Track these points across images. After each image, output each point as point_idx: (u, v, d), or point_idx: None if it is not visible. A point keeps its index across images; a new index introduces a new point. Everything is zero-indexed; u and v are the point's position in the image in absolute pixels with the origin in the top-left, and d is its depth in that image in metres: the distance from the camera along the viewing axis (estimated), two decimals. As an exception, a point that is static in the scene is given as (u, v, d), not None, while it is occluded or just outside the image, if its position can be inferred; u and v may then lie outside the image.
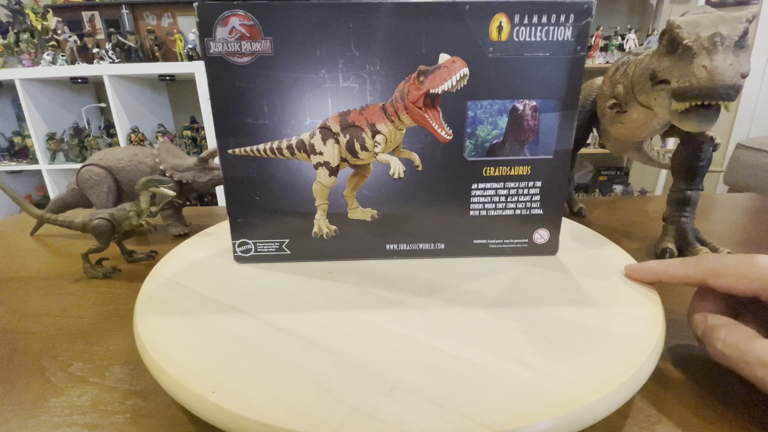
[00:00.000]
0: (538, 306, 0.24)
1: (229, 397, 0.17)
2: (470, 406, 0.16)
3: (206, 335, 0.21)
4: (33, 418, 0.20)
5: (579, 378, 0.17)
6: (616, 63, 0.36)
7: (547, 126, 0.28)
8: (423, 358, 0.19)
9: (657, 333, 0.21)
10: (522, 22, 0.25)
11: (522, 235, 0.31)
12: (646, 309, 0.23)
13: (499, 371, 0.18)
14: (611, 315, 0.22)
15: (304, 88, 0.27)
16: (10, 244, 0.45)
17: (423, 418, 0.15)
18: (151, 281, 0.27)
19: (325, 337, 0.21)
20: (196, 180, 0.45)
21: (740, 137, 2.07)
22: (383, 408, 0.16)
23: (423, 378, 0.18)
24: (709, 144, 0.36)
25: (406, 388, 0.17)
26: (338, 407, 0.16)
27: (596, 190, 2.21)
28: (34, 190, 2.19)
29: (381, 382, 0.17)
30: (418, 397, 0.17)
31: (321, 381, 0.18)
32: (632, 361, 0.18)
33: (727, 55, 0.22)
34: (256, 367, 0.18)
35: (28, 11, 1.83)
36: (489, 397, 0.16)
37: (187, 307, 0.24)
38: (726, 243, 0.42)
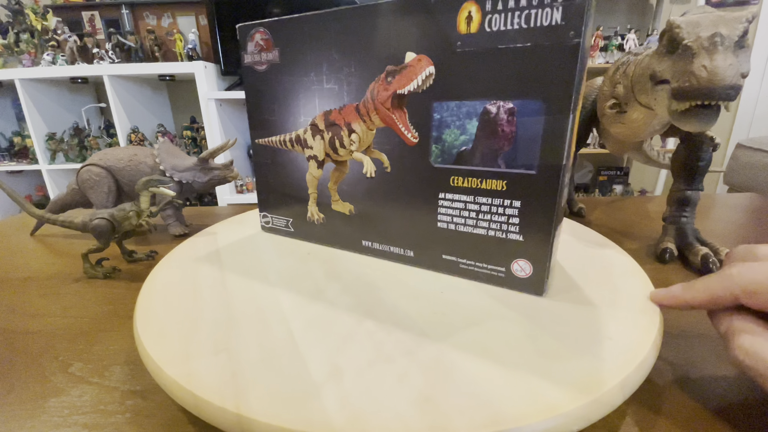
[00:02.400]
0: (536, 305, 0.24)
1: (229, 397, 0.17)
2: (460, 405, 0.16)
3: (206, 335, 0.21)
4: (33, 418, 0.20)
5: (572, 379, 0.17)
6: (616, 63, 0.36)
7: (529, 133, 0.22)
8: (414, 354, 0.19)
9: (653, 336, 0.21)
10: (495, 9, 0.22)
11: (497, 262, 0.26)
12: (644, 312, 0.23)
13: (489, 371, 0.18)
14: (608, 317, 0.22)
15: (299, 89, 0.31)
16: (10, 244, 0.45)
17: (413, 418, 0.15)
18: (151, 281, 0.27)
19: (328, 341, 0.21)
20: (196, 180, 0.45)
21: (740, 137, 2.07)
22: (373, 407, 0.16)
23: (413, 379, 0.18)
24: (709, 144, 0.36)
25: (399, 387, 0.17)
26: (339, 406, 0.16)
27: (596, 190, 2.21)
28: (34, 190, 2.19)
29: (370, 380, 0.17)
30: (409, 399, 0.17)
31: (322, 380, 0.18)
32: (627, 364, 0.18)
33: (727, 55, 0.22)
34: (257, 367, 0.18)
35: (28, 11, 1.83)
36: (480, 397, 0.16)
37: (187, 308, 0.24)
38: (726, 243, 0.42)
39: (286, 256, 0.32)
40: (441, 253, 0.28)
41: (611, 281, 0.26)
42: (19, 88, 1.68)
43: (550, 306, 0.24)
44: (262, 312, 0.23)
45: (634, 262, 0.29)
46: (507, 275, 0.26)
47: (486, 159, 0.24)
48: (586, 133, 0.47)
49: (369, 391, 0.17)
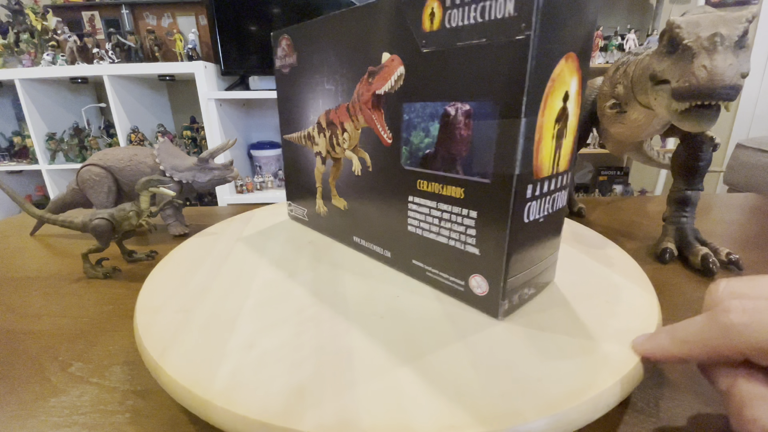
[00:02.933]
0: (484, 330, 0.22)
1: (230, 396, 0.17)
2: (465, 401, 0.16)
3: (207, 335, 0.21)
4: (33, 418, 0.20)
5: (570, 377, 0.17)
6: (616, 63, 0.36)
7: (484, 138, 0.20)
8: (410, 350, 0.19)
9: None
10: (454, 3, 0.20)
11: (457, 274, 0.24)
12: (643, 312, 0.23)
13: (489, 367, 0.18)
14: (607, 316, 0.22)
15: (309, 90, 0.33)
16: (10, 244, 0.45)
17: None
18: (152, 281, 0.27)
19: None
20: (196, 180, 0.45)
21: (740, 137, 2.07)
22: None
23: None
24: (709, 144, 0.36)
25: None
26: (342, 405, 0.16)
27: (596, 190, 2.21)
28: (34, 190, 2.19)
29: (370, 375, 0.17)
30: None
31: (323, 380, 0.18)
32: (623, 364, 0.18)
33: (727, 55, 0.22)
34: (258, 367, 0.18)
35: (28, 11, 1.83)
36: (482, 393, 0.16)
37: (187, 307, 0.24)
38: (726, 243, 0.42)
39: (287, 243, 0.35)
40: (411, 258, 0.27)
41: (610, 281, 0.26)
42: (19, 88, 1.68)
43: (499, 335, 0.21)
44: (262, 311, 0.23)
45: (635, 262, 0.29)
46: (466, 290, 0.24)
47: (446, 164, 0.23)
48: (586, 133, 0.47)
49: (260, 369, 0.18)
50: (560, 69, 0.19)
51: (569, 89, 0.21)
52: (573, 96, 0.21)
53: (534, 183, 0.20)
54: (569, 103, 0.21)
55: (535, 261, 0.23)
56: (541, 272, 0.24)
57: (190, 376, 0.18)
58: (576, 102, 0.22)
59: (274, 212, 0.44)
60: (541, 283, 0.25)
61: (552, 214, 0.23)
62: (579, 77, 0.21)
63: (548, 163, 0.21)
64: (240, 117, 1.94)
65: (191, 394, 0.17)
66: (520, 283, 0.23)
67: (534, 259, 0.23)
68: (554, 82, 0.19)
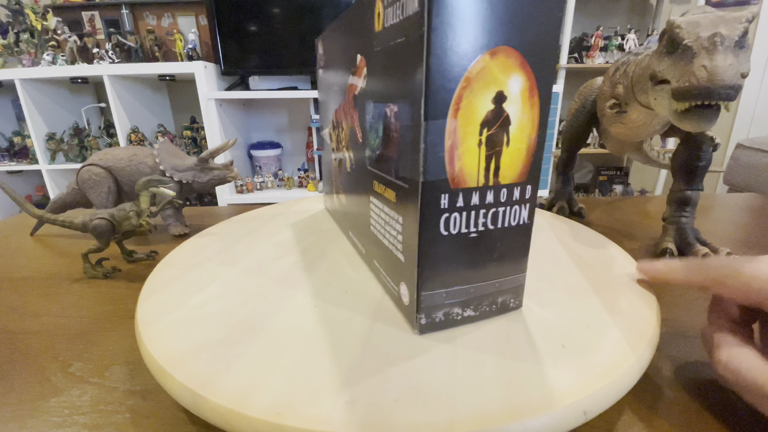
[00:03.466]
0: (532, 303, 0.24)
1: (232, 395, 0.17)
2: (456, 401, 0.16)
3: (208, 334, 0.21)
4: (33, 418, 0.20)
5: (567, 377, 0.17)
6: (616, 63, 0.36)
7: (405, 141, 0.19)
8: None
9: (649, 335, 0.21)
10: (389, 2, 0.19)
11: (394, 280, 0.23)
12: (642, 311, 0.23)
13: (486, 367, 0.18)
14: (607, 315, 0.22)
15: (328, 89, 0.36)
16: (10, 244, 0.45)
17: (412, 411, 0.15)
18: (152, 281, 0.27)
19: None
20: (196, 180, 0.45)
21: (740, 137, 2.07)
22: (378, 402, 0.16)
23: (414, 373, 0.18)
24: (709, 144, 0.36)
25: (397, 380, 0.17)
26: (342, 403, 0.16)
27: (596, 190, 2.21)
28: (34, 190, 2.19)
29: (366, 378, 0.17)
30: (408, 393, 0.17)
31: (325, 378, 0.18)
32: (621, 363, 0.18)
33: (727, 55, 0.22)
34: (259, 366, 0.18)
35: (28, 11, 1.83)
36: (476, 393, 0.16)
37: (188, 307, 0.24)
38: (726, 243, 0.42)
39: (298, 229, 0.38)
40: (373, 258, 0.27)
41: (610, 281, 0.26)
42: (19, 88, 1.68)
43: (402, 347, 0.20)
44: (265, 308, 0.23)
45: (635, 262, 0.29)
46: (398, 297, 0.23)
47: (385, 166, 0.22)
48: (586, 133, 0.47)
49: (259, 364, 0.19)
50: (482, 66, 0.17)
51: (505, 89, 0.18)
52: (517, 97, 0.18)
53: (453, 193, 0.19)
54: (509, 105, 0.18)
55: (470, 280, 0.21)
56: (488, 294, 0.22)
57: (191, 376, 0.18)
58: (528, 104, 0.18)
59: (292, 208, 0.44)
60: (490, 309, 0.22)
61: (495, 230, 0.20)
62: (527, 75, 0.18)
63: (474, 173, 0.19)
64: (240, 117, 1.94)
65: (194, 395, 0.17)
66: (445, 301, 0.21)
67: (467, 278, 0.21)
68: (471, 81, 0.17)
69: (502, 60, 0.17)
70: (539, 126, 0.19)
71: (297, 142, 2.13)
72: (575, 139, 0.48)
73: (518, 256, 0.21)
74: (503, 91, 0.18)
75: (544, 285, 0.26)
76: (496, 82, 0.18)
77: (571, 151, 0.50)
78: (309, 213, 0.43)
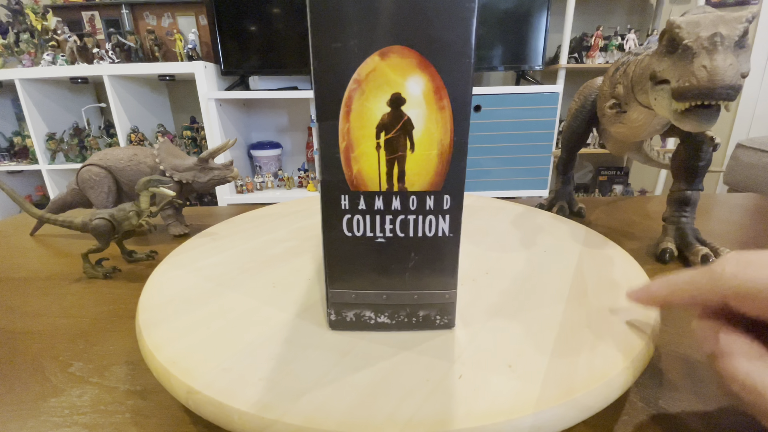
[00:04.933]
0: (532, 303, 0.24)
1: (234, 393, 0.17)
2: (454, 397, 0.16)
3: (210, 333, 0.21)
4: (33, 418, 0.20)
5: (566, 374, 0.17)
6: (616, 63, 0.36)
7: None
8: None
9: (648, 335, 0.21)
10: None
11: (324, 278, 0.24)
12: (642, 310, 0.23)
13: (482, 365, 0.18)
14: (606, 314, 0.22)
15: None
16: (10, 244, 0.45)
17: (412, 407, 0.15)
18: (153, 281, 0.27)
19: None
20: (196, 180, 0.45)
21: (740, 137, 2.07)
22: (373, 396, 0.16)
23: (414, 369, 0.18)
24: (709, 144, 0.36)
25: (397, 376, 0.17)
26: (345, 399, 0.16)
27: (596, 190, 2.21)
28: (34, 190, 2.19)
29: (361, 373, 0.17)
30: (409, 387, 0.17)
31: (327, 375, 0.18)
32: (620, 361, 0.18)
33: (727, 55, 0.22)
34: (261, 364, 0.18)
35: (28, 11, 1.83)
36: (471, 390, 0.16)
37: (190, 306, 0.24)
38: (726, 243, 0.42)
39: (298, 229, 0.38)
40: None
41: (610, 281, 0.26)
42: (19, 88, 1.68)
43: (308, 339, 0.21)
44: (266, 307, 0.23)
45: (635, 262, 0.29)
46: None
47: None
48: (586, 133, 0.47)
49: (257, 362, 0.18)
50: (372, 67, 0.17)
51: (403, 91, 0.17)
52: (419, 99, 0.17)
53: (353, 195, 0.19)
54: (410, 108, 0.17)
55: (381, 286, 0.20)
56: (405, 305, 0.21)
57: (193, 376, 0.18)
58: (434, 107, 0.17)
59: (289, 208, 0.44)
60: (410, 320, 0.21)
61: (407, 239, 0.19)
62: (431, 76, 0.17)
63: (374, 177, 0.18)
64: (240, 117, 1.94)
65: (195, 393, 0.17)
66: (355, 301, 0.21)
67: (378, 284, 0.20)
68: (361, 83, 0.17)
69: (396, 61, 0.17)
70: (454, 131, 0.17)
71: (297, 142, 2.13)
72: (575, 139, 0.48)
73: (441, 270, 0.20)
74: (400, 93, 0.17)
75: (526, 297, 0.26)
76: (390, 84, 0.17)
77: (571, 151, 0.50)
78: (309, 213, 0.43)
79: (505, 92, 1.65)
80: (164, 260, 0.31)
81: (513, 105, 1.66)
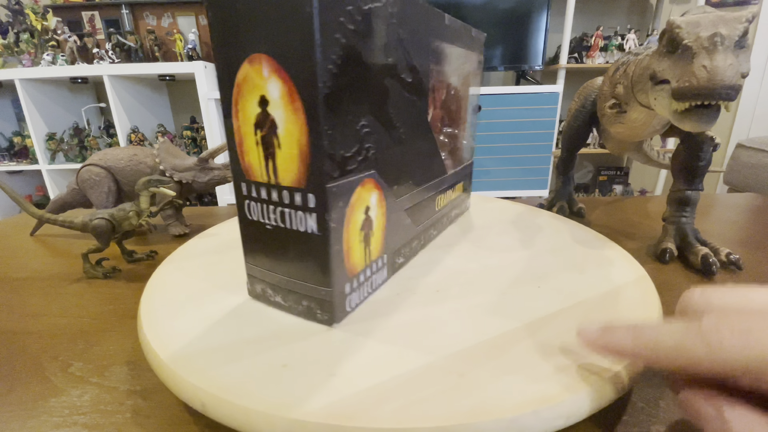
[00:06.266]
0: (532, 302, 0.24)
1: (236, 392, 0.17)
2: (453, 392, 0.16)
3: (211, 333, 0.21)
4: (33, 418, 0.20)
5: (566, 373, 0.17)
6: (616, 63, 0.36)
7: None
8: (423, 358, 0.19)
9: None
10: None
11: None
12: (643, 310, 0.23)
13: (480, 364, 0.18)
14: (606, 314, 0.22)
15: None
16: (10, 244, 0.45)
17: (415, 406, 0.15)
18: (155, 281, 0.27)
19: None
20: (196, 180, 0.45)
21: (740, 137, 2.07)
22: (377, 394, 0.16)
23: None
24: (709, 144, 0.36)
25: (400, 371, 0.17)
26: (348, 395, 0.16)
27: (596, 190, 2.22)
28: (34, 190, 2.19)
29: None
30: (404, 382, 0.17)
31: (329, 374, 0.18)
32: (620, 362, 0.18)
33: (727, 55, 0.22)
34: (263, 363, 0.18)
35: (28, 11, 1.83)
36: (470, 387, 0.16)
37: (190, 307, 0.24)
38: (726, 243, 0.42)
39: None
40: None
41: (610, 281, 0.26)
42: (19, 88, 1.68)
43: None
44: (261, 308, 0.23)
45: (636, 262, 0.29)
46: None
47: None
48: (586, 133, 0.47)
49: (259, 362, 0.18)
50: (245, 73, 0.19)
51: (267, 94, 0.19)
52: (278, 102, 0.18)
53: (248, 183, 0.21)
54: (273, 109, 0.19)
55: (274, 269, 0.22)
56: (294, 291, 0.22)
57: (196, 375, 0.18)
58: (290, 109, 0.18)
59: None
60: (297, 307, 0.23)
61: (287, 230, 0.21)
62: (284, 81, 0.18)
63: (258, 169, 0.20)
64: (240, 117, 1.94)
65: (199, 392, 0.17)
66: (261, 278, 0.23)
67: (272, 266, 0.22)
68: (240, 86, 0.19)
69: (260, 66, 0.18)
70: (310, 133, 0.18)
71: (297, 142, 2.13)
72: (575, 139, 0.48)
73: (315, 267, 0.21)
74: (265, 95, 0.19)
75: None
76: (258, 88, 0.19)
77: (571, 151, 0.50)
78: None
79: (505, 92, 1.65)
80: (166, 260, 0.31)
81: (513, 105, 1.66)
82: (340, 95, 0.19)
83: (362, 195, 0.22)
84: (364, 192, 0.22)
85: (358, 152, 0.21)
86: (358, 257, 0.23)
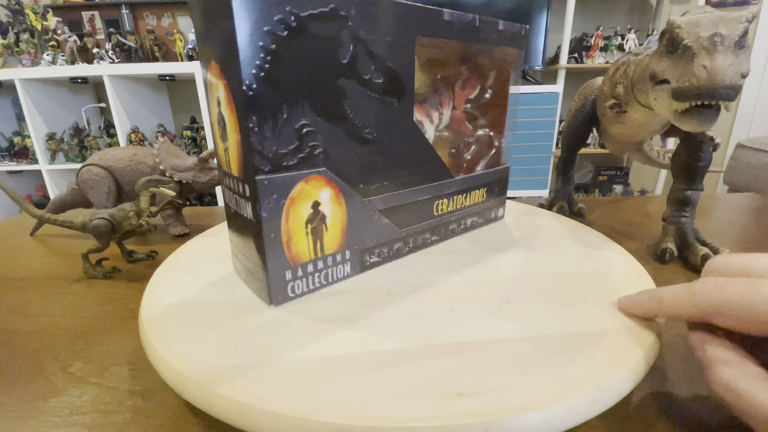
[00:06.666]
0: (531, 302, 0.24)
1: (239, 391, 0.17)
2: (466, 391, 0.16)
3: (211, 332, 0.21)
4: (33, 418, 0.20)
5: (569, 373, 0.17)
6: (616, 63, 0.36)
7: None
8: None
9: (652, 335, 0.21)
10: None
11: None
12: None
13: (488, 363, 0.18)
14: (607, 313, 0.22)
15: None
16: (10, 244, 0.45)
17: (413, 403, 0.15)
18: (155, 280, 0.27)
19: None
20: (196, 180, 0.45)
21: (740, 137, 2.07)
22: (381, 395, 0.16)
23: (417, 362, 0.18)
24: (709, 144, 0.36)
25: (406, 371, 0.17)
26: (352, 391, 0.16)
27: (596, 190, 2.22)
28: (34, 190, 2.19)
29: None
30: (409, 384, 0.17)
31: (329, 372, 0.18)
32: (624, 361, 0.18)
33: (727, 55, 0.22)
34: (264, 361, 0.18)
35: (28, 11, 1.83)
36: (480, 386, 0.16)
37: (193, 306, 0.24)
38: (726, 243, 0.42)
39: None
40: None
41: (610, 281, 0.26)
42: (19, 88, 1.68)
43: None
44: (260, 307, 0.23)
45: (637, 262, 0.29)
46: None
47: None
48: (586, 133, 0.47)
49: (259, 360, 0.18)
50: (209, 76, 0.22)
51: (219, 95, 0.22)
52: (224, 102, 0.21)
53: (222, 172, 0.25)
54: (222, 109, 0.22)
55: (240, 249, 0.25)
56: (250, 271, 0.25)
57: (197, 374, 0.18)
58: (228, 108, 0.21)
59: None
60: (250, 284, 0.25)
61: (239, 215, 0.24)
62: (224, 85, 0.21)
63: (223, 159, 0.24)
64: (240, 117, 1.94)
65: (200, 389, 0.17)
66: (236, 256, 0.27)
67: (238, 246, 0.26)
68: (209, 88, 0.22)
69: (215, 71, 0.21)
70: (240, 130, 0.20)
71: (297, 142, 2.13)
72: (575, 139, 0.48)
73: (255, 251, 0.23)
74: (218, 96, 0.22)
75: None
76: (215, 90, 0.22)
77: (571, 151, 0.50)
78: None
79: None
80: (166, 260, 0.31)
81: (513, 105, 1.66)
82: (270, 97, 0.20)
83: (306, 190, 0.23)
84: (308, 187, 0.23)
85: (299, 149, 0.22)
86: (302, 248, 0.24)
